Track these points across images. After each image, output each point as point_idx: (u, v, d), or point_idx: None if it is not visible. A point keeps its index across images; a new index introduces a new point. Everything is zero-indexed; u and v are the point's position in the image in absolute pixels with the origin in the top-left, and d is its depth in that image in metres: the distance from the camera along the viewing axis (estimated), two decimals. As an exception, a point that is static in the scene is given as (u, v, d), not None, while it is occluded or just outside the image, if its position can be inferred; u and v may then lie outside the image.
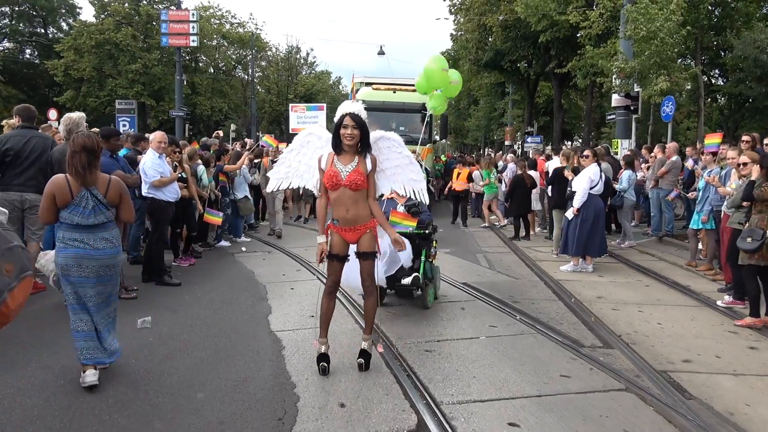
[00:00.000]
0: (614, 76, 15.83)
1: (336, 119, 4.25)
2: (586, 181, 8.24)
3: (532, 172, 12.11)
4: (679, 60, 21.78)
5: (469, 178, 14.00)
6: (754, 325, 5.79)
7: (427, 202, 5.32)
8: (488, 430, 3.51)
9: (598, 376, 4.43)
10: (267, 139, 13.06)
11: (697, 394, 4.13)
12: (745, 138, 8.04)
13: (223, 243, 10.26)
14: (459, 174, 14.16)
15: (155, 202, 7.16)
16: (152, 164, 7.09)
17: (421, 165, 5.86)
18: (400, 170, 4.67)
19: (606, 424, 3.62)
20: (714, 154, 8.46)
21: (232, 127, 33.90)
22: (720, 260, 7.65)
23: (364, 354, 4.44)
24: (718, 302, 6.68)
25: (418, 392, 4.04)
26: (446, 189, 15.21)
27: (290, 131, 15.59)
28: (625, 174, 10.66)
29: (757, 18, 19.38)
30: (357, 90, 16.11)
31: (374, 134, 4.39)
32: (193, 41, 27.90)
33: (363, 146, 4.23)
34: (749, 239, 5.80)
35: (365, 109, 4.36)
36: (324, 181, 4.24)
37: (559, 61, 23.72)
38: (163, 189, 7.17)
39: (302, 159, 4.63)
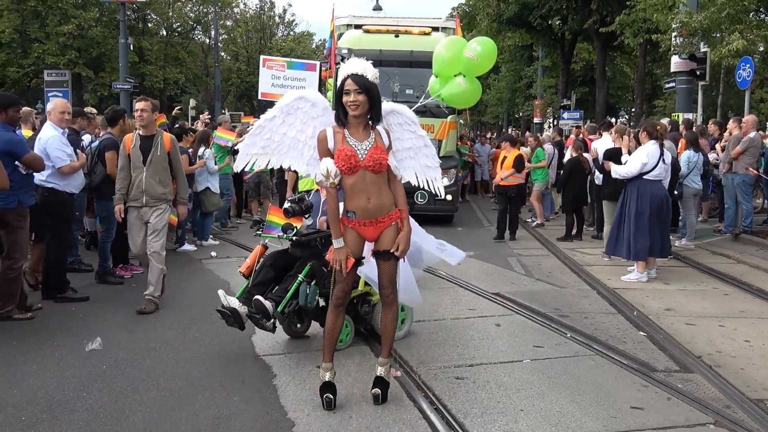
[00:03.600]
0: (675, 34, 15.77)
1: (338, 84, 4.19)
2: (636, 164, 8.15)
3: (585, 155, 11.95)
4: (751, 14, 21.85)
5: (520, 164, 11.79)
6: None
7: (443, 196, 5.07)
8: (546, 478, 3.44)
9: (678, 407, 4.37)
10: (221, 134, 12.31)
11: (806, 429, 4.07)
12: None
13: (187, 247, 10.20)
14: (505, 159, 11.95)
15: (55, 194, 6.86)
16: (59, 143, 6.76)
17: (439, 149, 5.68)
18: (413, 154, 4.61)
19: (696, 468, 3.55)
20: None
21: (191, 102, 33.95)
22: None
23: (381, 383, 4.35)
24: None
25: (451, 430, 3.96)
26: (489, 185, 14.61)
27: (259, 97, 13.28)
28: (684, 155, 10.59)
29: None
30: (340, 36, 13.87)
31: (384, 106, 4.31)
32: (142, -5, 27.80)
33: (374, 116, 4.17)
34: None
35: None
36: (337, 164, 4.10)
37: (601, 16, 23.70)
38: (68, 177, 6.91)
39: (288, 131, 4.42)
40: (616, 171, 8.46)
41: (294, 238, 5.50)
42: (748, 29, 15.22)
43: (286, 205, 5.75)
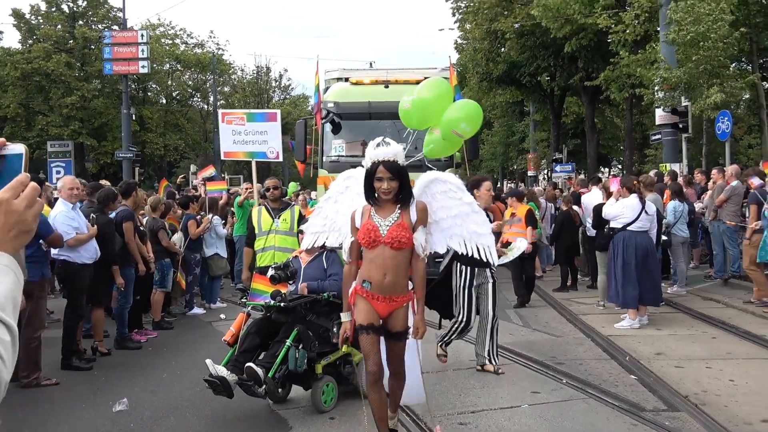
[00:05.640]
0: (656, 88, 16.54)
1: (366, 164, 4.30)
2: (615, 210, 8.79)
3: (576, 208, 12.41)
4: (733, 65, 22.76)
5: (532, 220, 10.54)
6: None
7: (496, 263, 5.11)
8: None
9: (665, 443, 4.75)
10: (211, 187, 12.69)
11: (781, 458, 4.46)
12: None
13: (197, 310, 10.58)
14: (513, 215, 10.56)
15: (68, 265, 7.13)
16: (64, 218, 7.03)
17: None
18: (460, 221, 4.61)
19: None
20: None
21: (192, 168, 34.58)
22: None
23: None
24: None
25: (456, 471, 4.35)
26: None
27: (222, 157, 12.24)
28: (671, 205, 11.11)
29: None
30: (327, 89, 12.98)
31: (425, 177, 4.50)
32: (144, 67, 28.79)
33: (405, 196, 4.28)
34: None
35: (340, 116, 4.48)
36: (359, 238, 4.28)
37: (587, 73, 24.61)
38: (79, 249, 7.14)
39: (340, 209, 4.72)
40: (604, 212, 9.22)
41: (282, 304, 5.56)
42: (728, 81, 15.98)
43: (272, 272, 5.81)
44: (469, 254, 4.68)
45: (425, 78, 12.49)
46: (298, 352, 5.30)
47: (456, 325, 6.69)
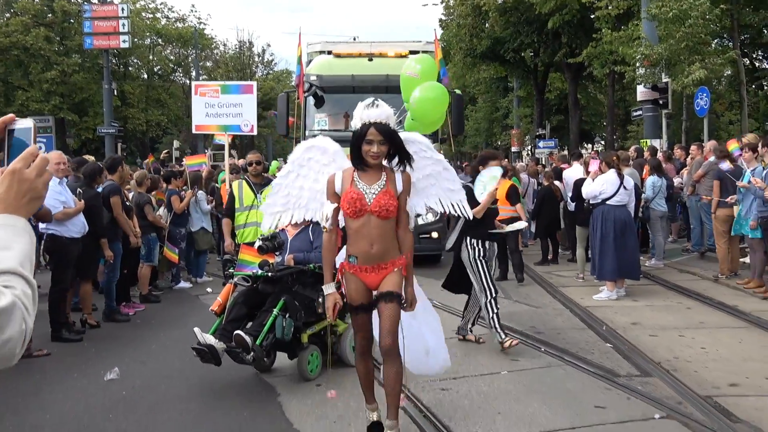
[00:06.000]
0: (638, 65, 16.74)
1: (354, 125, 4.04)
2: (595, 188, 8.97)
3: (557, 183, 12.63)
4: (715, 41, 22.96)
5: (514, 196, 9.85)
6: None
7: (470, 217, 4.94)
8: (520, 465, 4.04)
9: (636, 405, 5.00)
10: (190, 161, 12.77)
11: (745, 418, 4.71)
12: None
13: (183, 284, 10.72)
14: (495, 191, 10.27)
15: (56, 239, 7.21)
16: (52, 192, 7.01)
17: None
18: (434, 180, 4.51)
19: (647, 452, 4.17)
20: (753, 150, 9.18)
21: (175, 144, 34.45)
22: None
23: None
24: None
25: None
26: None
27: (194, 130, 11.81)
28: (649, 180, 11.35)
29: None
30: (309, 62, 12.90)
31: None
32: (125, 42, 28.56)
33: (400, 161, 4.09)
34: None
35: (323, 89, 4.43)
36: (343, 207, 4.04)
37: (570, 49, 24.78)
38: (67, 223, 7.21)
39: (304, 183, 4.46)
40: (584, 192, 9.36)
41: (270, 274, 5.71)
42: (712, 56, 16.19)
43: (259, 243, 5.94)
44: (447, 212, 4.67)
45: (410, 52, 12.38)
46: (285, 321, 5.42)
47: (489, 303, 6.49)
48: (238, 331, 5.29)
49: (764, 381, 5.49)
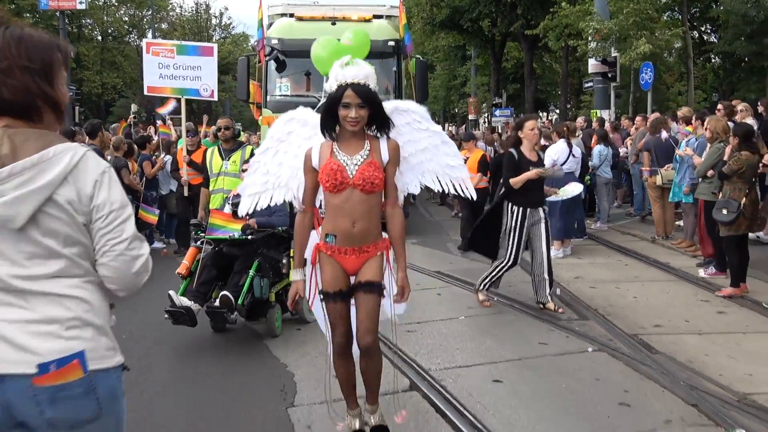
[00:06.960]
0: (590, 39, 17.62)
1: (329, 87, 3.58)
2: (547, 155, 9.78)
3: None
4: (666, 13, 23.98)
5: (485, 166, 11.14)
6: (734, 295, 7.32)
7: (473, 197, 4.54)
8: (475, 387, 4.87)
9: (573, 342, 5.89)
10: (164, 129, 13.07)
11: (663, 350, 5.62)
12: (720, 106, 9.77)
13: (157, 245, 11.27)
14: (466, 160, 10.52)
15: None
16: None
17: None
18: (430, 155, 4.01)
19: (579, 376, 5.05)
20: (687, 122, 10.15)
21: (133, 107, 34.29)
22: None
23: (382, 430, 3.91)
24: (701, 272, 8.30)
25: (406, 363, 5.35)
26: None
27: (145, 92, 11.41)
28: (596, 149, 12.26)
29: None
30: (270, 25, 12.71)
31: (385, 107, 3.70)
32: (81, 3, 28.26)
33: (379, 127, 3.64)
34: (725, 211, 7.37)
35: (285, 53, 3.73)
36: (322, 180, 3.59)
37: (527, 21, 25.53)
38: None
39: (283, 159, 3.97)
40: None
41: (250, 237, 5.91)
42: (662, 27, 17.14)
43: (232, 208, 5.86)
44: (445, 191, 4.21)
45: (374, 16, 12.51)
46: (262, 281, 5.81)
47: (500, 265, 6.86)
48: (225, 292, 5.61)
49: (683, 323, 6.44)
